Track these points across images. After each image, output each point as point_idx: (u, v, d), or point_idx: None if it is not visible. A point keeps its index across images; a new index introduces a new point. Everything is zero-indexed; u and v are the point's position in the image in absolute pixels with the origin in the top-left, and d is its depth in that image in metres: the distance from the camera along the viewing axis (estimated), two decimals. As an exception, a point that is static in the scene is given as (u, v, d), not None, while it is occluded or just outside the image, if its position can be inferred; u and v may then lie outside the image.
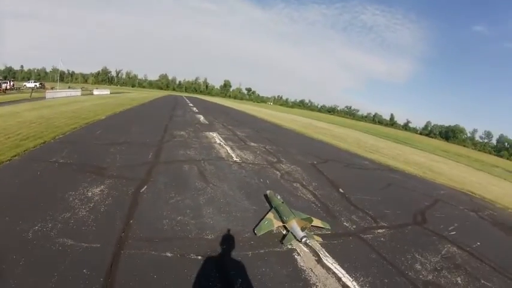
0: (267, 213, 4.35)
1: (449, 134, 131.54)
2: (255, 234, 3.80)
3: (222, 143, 10.13)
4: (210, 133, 12.23)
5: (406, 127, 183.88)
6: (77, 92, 35.23)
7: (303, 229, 3.81)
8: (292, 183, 6.48)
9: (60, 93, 29.24)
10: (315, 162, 9.30)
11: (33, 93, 27.62)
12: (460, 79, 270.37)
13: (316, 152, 11.85)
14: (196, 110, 26.33)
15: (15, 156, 6.29)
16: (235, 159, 7.97)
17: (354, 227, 4.64)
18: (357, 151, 14.31)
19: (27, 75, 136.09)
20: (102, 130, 10.05)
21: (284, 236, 3.85)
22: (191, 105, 35.16)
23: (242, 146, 10.29)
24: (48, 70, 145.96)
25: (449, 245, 4.63)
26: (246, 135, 13.25)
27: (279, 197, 4.78)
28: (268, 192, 5.07)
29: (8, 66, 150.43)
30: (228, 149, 9.29)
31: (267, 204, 4.90)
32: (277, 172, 7.29)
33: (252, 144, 11.02)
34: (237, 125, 17.39)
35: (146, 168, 5.91)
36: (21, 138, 8.04)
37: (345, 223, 4.73)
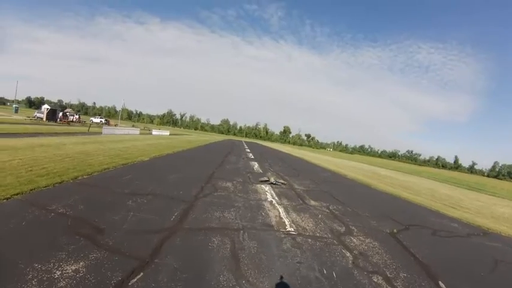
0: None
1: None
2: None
3: (274, 201, 8.50)
4: (262, 186, 10.77)
5: (471, 169, 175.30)
6: (135, 131, 38.22)
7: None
8: (371, 277, 4.37)
9: (117, 130, 31.82)
10: (395, 231, 7.23)
11: (92, 128, 30.37)
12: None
13: (390, 211, 9.83)
14: (252, 156, 25.81)
15: (17, 194, 5.81)
16: (288, 228, 6.20)
17: None
18: (435, 206, 12.55)
19: (99, 112, 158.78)
20: (135, 174, 9.40)
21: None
22: (248, 150, 35.34)
23: (299, 205, 8.51)
24: (118, 109, 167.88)
25: None
26: (305, 189, 11.55)
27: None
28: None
29: (81, 101, 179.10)
30: (281, 210, 7.58)
31: None
32: (348, 253, 5.24)
33: (313, 202, 9.18)
34: (294, 175, 15.88)
35: (158, 239, 4.53)
36: (41, 174, 7.76)
37: None
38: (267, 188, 10.49)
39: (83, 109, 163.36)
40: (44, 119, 37.15)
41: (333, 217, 7.76)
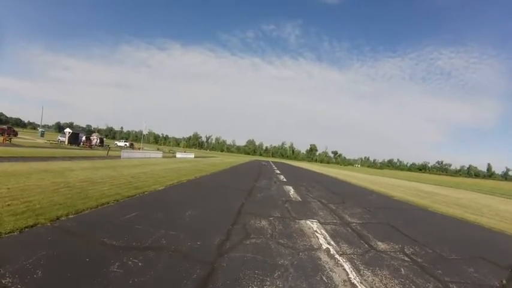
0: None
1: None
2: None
3: (331, 249, 5.99)
4: (307, 222, 8.36)
5: (506, 176, 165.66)
6: (157, 154, 37.12)
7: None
8: None
9: (137, 153, 30.73)
10: (504, 282, 5.29)
11: (113, 152, 29.55)
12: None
13: (474, 246, 7.92)
14: (284, 179, 23.69)
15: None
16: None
17: None
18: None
19: (126, 136, 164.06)
20: (141, 211, 7.40)
21: None
22: (278, 172, 33.85)
23: (367, 253, 6.03)
24: (144, 133, 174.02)
25: None
26: (361, 223, 9.08)
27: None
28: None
29: (109, 126, 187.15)
30: (347, 266, 5.10)
31: None
32: None
33: (381, 245, 6.68)
34: (338, 202, 13.33)
35: None
36: (16, 211, 6.22)
37: None
38: (314, 225, 8.09)
39: (111, 133, 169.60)
40: (66, 143, 37.20)
41: (419, 269, 5.31)
